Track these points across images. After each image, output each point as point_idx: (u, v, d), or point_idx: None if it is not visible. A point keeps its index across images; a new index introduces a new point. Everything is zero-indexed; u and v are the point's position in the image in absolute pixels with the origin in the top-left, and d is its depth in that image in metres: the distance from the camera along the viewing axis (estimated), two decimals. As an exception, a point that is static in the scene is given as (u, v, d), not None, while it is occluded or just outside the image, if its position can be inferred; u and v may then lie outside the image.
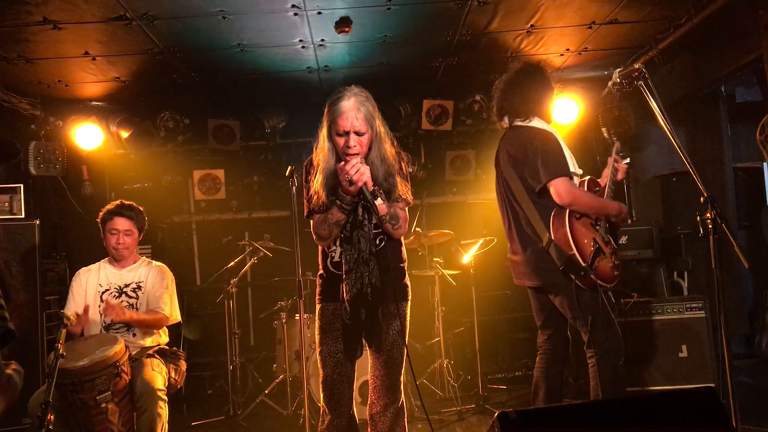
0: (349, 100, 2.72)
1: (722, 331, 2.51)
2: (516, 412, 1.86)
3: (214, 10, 3.96)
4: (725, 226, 2.48)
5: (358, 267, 2.72)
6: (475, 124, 6.08)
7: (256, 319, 6.51)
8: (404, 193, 2.84)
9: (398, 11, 4.16)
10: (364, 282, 2.72)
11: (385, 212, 2.72)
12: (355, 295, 2.71)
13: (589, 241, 3.17)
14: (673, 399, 2.05)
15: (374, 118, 2.77)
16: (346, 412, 2.83)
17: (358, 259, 2.73)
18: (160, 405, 3.45)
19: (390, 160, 2.82)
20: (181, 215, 6.56)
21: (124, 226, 3.90)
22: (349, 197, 2.70)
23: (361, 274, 2.72)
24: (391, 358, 2.81)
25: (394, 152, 2.86)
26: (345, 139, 2.73)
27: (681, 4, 4.29)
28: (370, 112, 2.75)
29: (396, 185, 2.81)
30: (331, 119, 2.75)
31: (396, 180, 2.82)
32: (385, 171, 2.80)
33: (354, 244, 2.75)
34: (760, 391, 5.06)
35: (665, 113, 2.70)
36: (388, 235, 2.82)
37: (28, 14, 3.82)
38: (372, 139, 2.78)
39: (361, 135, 2.74)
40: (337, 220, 2.73)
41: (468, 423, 4.74)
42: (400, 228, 2.79)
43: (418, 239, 5.26)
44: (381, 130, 2.81)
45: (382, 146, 2.81)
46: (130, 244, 3.94)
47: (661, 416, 1.94)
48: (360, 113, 2.71)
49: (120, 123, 5.79)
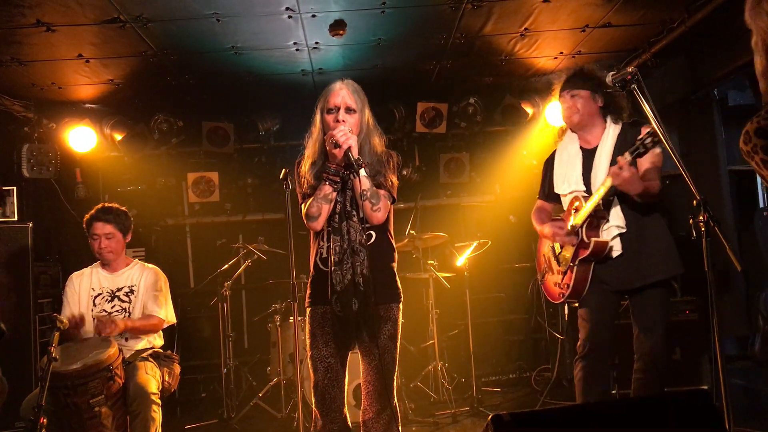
0: (342, 81, 2.82)
1: (715, 334, 2.52)
2: (510, 415, 1.86)
3: (208, 13, 3.96)
4: (718, 229, 2.49)
5: (348, 257, 2.70)
6: (469, 127, 6.09)
7: (250, 322, 6.49)
8: (390, 186, 2.83)
9: (392, 14, 4.16)
10: (355, 272, 2.69)
11: (367, 187, 2.68)
12: (347, 286, 2.69)
13: (545, 254, 3.57)
14: (666, 401, 2.05)
15: (365, 106, 2.84)
16: (338, 416, 2.80)
17: (348, 249, 2.71)
18: (154, 408, 3.43)
19: (378, 152, 2.84)
20: (175, 218, 6.54)
21: (104, 229, 3.87)
22: (334, 166, 2.70)
23: (351, 263, 2.70)
24: (383, 363, 2.77)
25: (383, 147, 2.88)
26: (335, 115, 2.76)
27: (674, 8, 4.31)
28: (361, 99, 2.83)
29: (384, 175, 2.82)
30: (323, 99, 2.82)
31: (384, 171, 2.83)
32: (374, 161, 2.81)
33: (343, 235, 2.73)
34: (753, 393, 5.07)
35: (658, 116, 2.71)
36: (374, 228, 2.79)
37: (22, 16, 3.81)
38: (361, 122, 2.81)
39: (352, 113, 2.77)
40: (325, 193, 2.72)
41: (462, 425, 4.74)
42: (379, 211, 2.73)
43: (412, 242, 5.26)
44: (370, 122, 2.86)
45: (371, 136, 2.84)
46: (114, 247, 3.90)
47: (654, 419, 1.94)
48: (351, 93, 2.79)
49: (114, 125, 5.78)
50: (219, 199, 6.25)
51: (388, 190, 2.82)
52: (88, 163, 6.01)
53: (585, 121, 3.31)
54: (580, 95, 3.28)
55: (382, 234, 2.85)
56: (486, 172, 6.42)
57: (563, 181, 3.39)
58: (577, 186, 3.29)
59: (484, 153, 6.46)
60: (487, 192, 6.50)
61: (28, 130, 5.38)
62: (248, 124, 6.11)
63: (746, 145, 1.89)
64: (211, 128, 5.95)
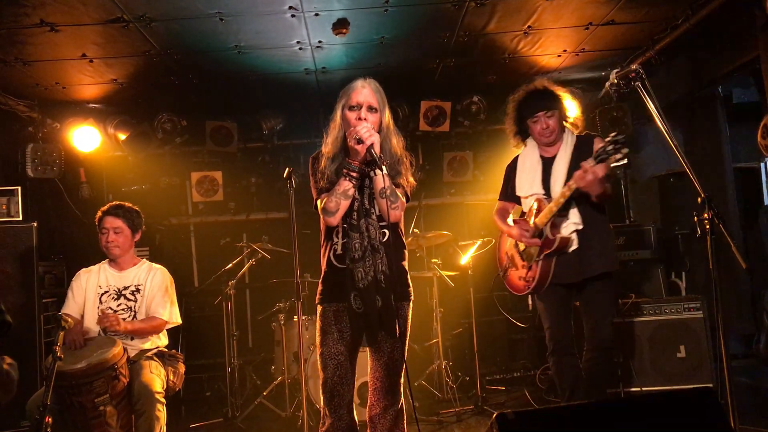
0: (365, 80, 2.83)
1: (720, 332, 2.52)
2: (514, 413, 1.86)
3: (211, 12, 3.97)
4: (722, 227, 2.48)
5: (369, 254, 2.70)
6: (472, 126, 6.09)
7: (254, 321, 6.51)
8: (406, 186, 2.86)
9: (395, 13, 4.16)
10: (377, 269, 2.69)
11: (387, 185, 2.69)
12: (369, 283, 2.68)
13: (507, 251, 3.89)
14: (671, 399, 2.05)
15: (385, 106, 2.84)
16: (347, 414, 2.80)
17: (369, 246, 2.70)
18: (159, 407, 3.43)
19: (397, 153, 2.84)
20: (179, 217, 6.56)
21: (114, 223, 3.89)
22: (356, 163, 2.70)
23: (373, 261, 2.69)
24: (392, 359, 2.78)
25: (402, 148, 2.88)
26: (357, 113, 2.76)
27: (678, 5, 4.30)
28: (382, 98, 2.84)
29: (402, 175, 2.83)
30: (345, 96, 2.82)
31: (403, 173, 2.84)
32: (393, 161, 2.81)
33: (362, 232, 2.72)
34: (758, 391, 5.06)
35: (662, 114, 2.70)
36: (389, 226, 2.79)
37: (26, 16, 3.82)
38: (382, 122, 2.82)
39: (374, 111, 2.78)
40: (344, 189, 2.70)
41: (466, 424, 4.74)
42: (397, 209, 2.74)
43: (416, 240, 5.26)
44: (390, 122, 2.87)
45: (390, 137, 2.84)
46: (122, 242, 3.91)
47: (659, 417, 1.94)
48: (373, 92, 2.80)
49: (117, 125, 5.79)
50: (223, 198, 6.26)
51: (404, 189, 2.84)
52: (92, 163, 6.03)
53: (557, 138, 3.61)
54: (554, 116, 3.57)
55: (395, 233, 2.85)
56: (490, 171, 6.41)
57: (525, 185, 3.70)
58: (538, 189, 3.60)
59: (488, 151, 6.45)
60: (491, 190, 6.46)
61: (33, 130, 5.39)
62: (252, 123, 6.12)
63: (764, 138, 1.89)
64: (214, 127, 5.96)
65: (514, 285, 3.85)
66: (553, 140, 3.60)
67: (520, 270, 3.76)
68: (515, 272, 3.81)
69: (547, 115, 3.55)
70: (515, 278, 3.82)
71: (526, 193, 3.70)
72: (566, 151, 3.57)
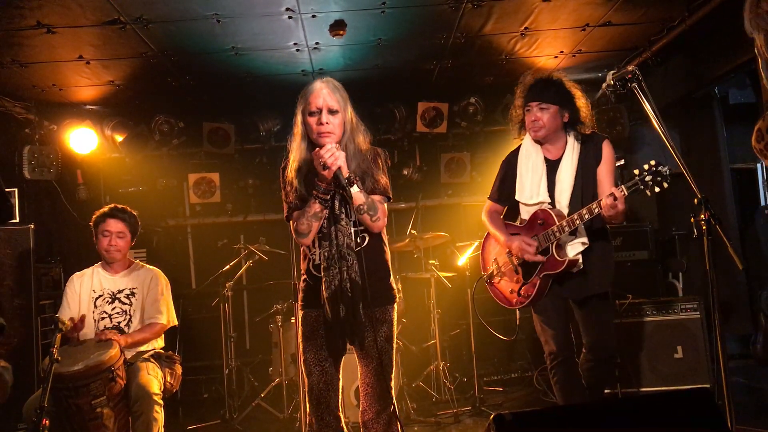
0: (321, 82, 2.73)
1: (717, 332, 2.52)
2: (512, 414, 1.86)
3: (208, 14, 3.97)
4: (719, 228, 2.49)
5: (335, 263, 2.66)
6: (470, 127, 6.09)
7: (251, 323, 6.50)
8: (383, 187, 2.79)
9: (392, 14, 4.16)
10: (342, 277, 2.65)
11: (362, 202, 2.64)
12: (334, 292, 2.65)
13: (496, 258, 3.61)
14: (668, 400, 2.05)
15: (347, 104, 2.75)
16: (334, 420, 2.77)
17: (336, 254, 2.67)
18: (156, 409, 3.43)
19: (363, 150, 2.78)
20: (176, 219, 6.55)
21: (117, 227, 3.88)
22: (324, 185, 2.63)
23: (339, 269, 2.66)
24: (381, 364, 2.75)
25: (368, 145, 2.81)
26: (317, 118, 2.68)
27: (674, 6, 4.31)
28: (342, 97, 2.74)
29: (374, 177, 2.76)
30: (304, 101, 2.73)
31: (373, 172, 2.77)
32: (360, 160, 2.76)
33: (331, 240, 2.69)
34: (755, 391, 5.06)
35: (659, 115, 2.71)
36: (369, 231, 2.76)
37: (22, 18, 3.81)
38: (345, 122, 2.74)
39: (334, 113, 2.69)
40: (315, 211, 2.66)
41: (464, 425, 4.74)
42: (379, 220, 2.70)
43: (413, 242, 5.26)
44: (354, 120, 2.78)
45: (355, 135, 2.77)
46: (122, 246, 3.91)
47: (656, 417, 1.94)
48: (332, 93, 2.70)
49: (114, 127, 5.78)
50: (220, 199, 6.26)
51: (382, 191, 2.78)
52: (89, 165, 6.02)
53: (549, 136, 3.35)
54: (549, 110, 3.29)
55: (375, 235, 2.80)
56: (487, 172, 6.40)
57: (528, 190, 3.41)
58: (543, 198, 3.33)
59: (485, 153, 6.45)
60: (488, 192, 6.48)
61: (29, 132, 5.38)
62: (249, 125, 6.12)
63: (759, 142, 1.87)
64: (211, 129, 5.95)
65: (502, 297, 3.58)
66: (543, 136, 3.32)
67: (512, 283, 3.48)
68: (505, 283, 3.53)
69: (541, 107, 3.28)
70: (505, 290, 3.55)
71: (529, 200, 3.40)
72: (572, 157, 3.31)
